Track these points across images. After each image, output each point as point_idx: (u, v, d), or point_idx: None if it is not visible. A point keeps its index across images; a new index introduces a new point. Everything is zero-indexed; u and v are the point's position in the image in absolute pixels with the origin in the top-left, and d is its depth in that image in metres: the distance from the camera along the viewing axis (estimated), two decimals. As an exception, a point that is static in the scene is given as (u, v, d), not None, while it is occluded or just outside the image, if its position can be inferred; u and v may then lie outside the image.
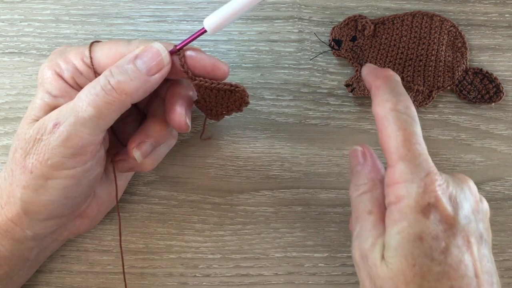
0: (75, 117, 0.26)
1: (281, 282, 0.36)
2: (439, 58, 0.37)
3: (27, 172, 0.27)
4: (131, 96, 0.27)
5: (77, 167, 0.28)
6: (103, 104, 0.26)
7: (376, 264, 0.25)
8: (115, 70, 0.27)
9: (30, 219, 0.29)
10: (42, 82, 0.29)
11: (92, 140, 0.27)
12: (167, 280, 0.36)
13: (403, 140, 0.26)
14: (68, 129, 0.26)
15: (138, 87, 0.27)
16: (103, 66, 0.28)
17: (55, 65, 0.29)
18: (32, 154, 0.27)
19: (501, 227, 0.37)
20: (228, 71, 0.30)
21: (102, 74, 0.27)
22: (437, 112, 0.38)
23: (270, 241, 0.37)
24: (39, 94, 0.29)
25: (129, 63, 0.27)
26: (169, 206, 0.37)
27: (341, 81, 0.38)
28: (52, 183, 0.28)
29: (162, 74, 0.28)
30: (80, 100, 0.27)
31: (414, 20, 0.38)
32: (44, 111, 0.28)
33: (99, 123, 0.27)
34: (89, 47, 0.29)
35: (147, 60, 0.27)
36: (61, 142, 0.27)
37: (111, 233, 0.37)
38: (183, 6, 0.39)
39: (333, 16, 0.39)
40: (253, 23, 0.38)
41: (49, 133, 0.27)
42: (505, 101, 0.38)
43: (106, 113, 0.27)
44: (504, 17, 0.39)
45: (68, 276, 0.36)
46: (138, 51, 0.28)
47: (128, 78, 0.27)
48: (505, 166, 0.38)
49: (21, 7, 0.38)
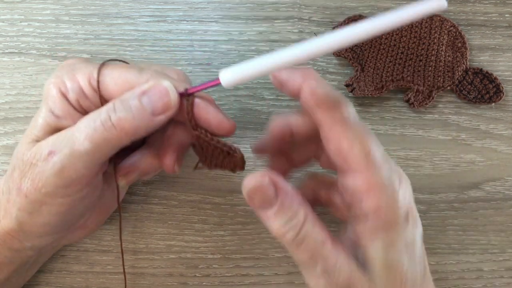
0: (71, 149, 0.25)
1: (281, 282, 0.36)
2: (439, 58, 0.37)
3: (22, 195, 0.27)
4: (131, 134, 0.26)
5: (72, 195, 0.27)
6: (101, 140, 0.25)
7: (368, 286, 0.24)
8: (119, 106, 0.26)
9: (27, 235, 0.29)
10: (47, 99, 0.28)
11: (87, 173, 0.27)
12: (167, 280, 0.36)
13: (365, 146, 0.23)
14: (62, 161, 0.25)
15: (140, 126, 0.26)
16: (110, 93, 0.27)
17: (61, 83, 0.27)
18: (28, 178, 0.26)
19: (501, 227, 0.37)
20: (232, 130, 0.28)
21: (105, 107, 0.26)
22: (437, 112, 0.38)
23: (270, 241, 0.37)
24: (42, 112, 0.28)
25: (134, 99, 0.26)
26: (169, 206, 0.37)
27: (341, 81, 0.38)
28: (46, 208, 0.27)
29: (167, 116, 0.26)
30: (79, 131, 0.26)
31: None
32: (45, 131, 0.27)
33: (95, 158, 0.26)
34: (98, 69, 0.27)
35: (154, 99, 0.26)
36: (55, 173, 0.26)
37: (111, 233, 0.37)
38: (183, 6, 0.39)
39: (333, 16, 0.39)
40: (253, 23, 0.38)
41: (43, 160, 0.26)
42: (505, 101, 0.38)
43: (103, 149, 0.26)
44: (504, 17, 0.39)
45: (68, 276, 0.36)
46: (146, 86, 0.26)
47: (130, 116, 0.25)
48: (505, 166, 0.38)
49: (21, 7, 0.38)
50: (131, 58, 0.38)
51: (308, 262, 0.24)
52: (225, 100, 0.38)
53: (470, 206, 0.37)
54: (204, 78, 0.38)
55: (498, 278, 0.37)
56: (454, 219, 0.37)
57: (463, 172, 0.37)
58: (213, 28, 0.38)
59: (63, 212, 0.28)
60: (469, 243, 0.37)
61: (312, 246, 0.24)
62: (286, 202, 0.24)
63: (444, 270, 0.37)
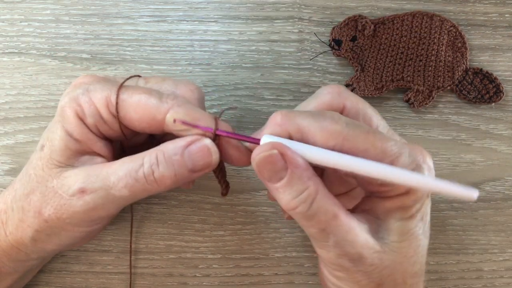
0: (106, 192, 0.25)
1: (281, 282, 0.36)
2: (439, 58, 0.37)
3: (41, 219, 0.27)
4: (169, 187, 0.26)
5: (94, 226, 0.28)
6: (140, 190, 0.25)
7: (379, 258, 0.25)
8: (162, 160, 0.25)
9: (38, 251, 0.29)
10: (63, 119, 0.26)
11: (116, 212, 0.27)
12: (167, 280, 0.36)
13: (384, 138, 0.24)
14: (95, 202, 0.25)
15: (179, 181, 0.26)
16: (130, 121, 0.26)
17: (78, 106, 0.26)
18: (50, 206, 0.26)
19: (501, 227, 0.37)
20: (248, 164, 0.27)
21: (147, 158, 0.25)
22: (437, 112, 0.38)
23: (270, 241, 0.37)
24: (58, 133, 0.26)
25: (177, 155, 0.25)
26: (169, 206, 0.37)
27: (341, 81, 0.38)
28: (66, 233, 0.27)
29: (204, 172, 0.26)
30: (116, 177, 0.25)
31: (414, 20, 0.38)
32: (67, 157, 0.26)
33: (128, 202, 0.26)
34: (116, 93, 0.26)
35: (196, 158, 0.25)
36: (85, 211, 0.26)
37: (111, 233, 0.37)
38: (183, 6, 0.39)
39: (333, 16, 0.39)
40: (253, 23, 0.38)
41: (72, 195, 0.26)
42: (505, 101, 0.38)
43: (140, 196, 0.26)
44: (504, 17, 0.39)
45: (68, 276, 0.36)
46: (189, 140, 0.25)
47: (172, 173, 0.25)
48: (505, 166, 0.38)
49: (21, 7, 0.38)
50: (131, 58, 0.38)
51: (320, 235, 0.24)
52: (225, 100, 0.38)
53: (470, 206, 0.37)
54: (204, 78, 0.38)
55: (498, 278, 0.37)
56: (454, 219, 0.37)
57: (463, 172, 0.37)
58: (213, 28, 0.38)
59: (80, 237, 0.28)
60: (469, 243, 0.37)
61: (324, 219, 0.24)
62: (296, 174, 0.23)
63: (444, 270, 0.37)
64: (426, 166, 0.25)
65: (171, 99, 0.26)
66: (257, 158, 0.24)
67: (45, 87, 0.37)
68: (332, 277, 0.26)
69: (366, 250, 0.24)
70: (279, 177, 0.24)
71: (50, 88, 0.37)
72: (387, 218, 0.26)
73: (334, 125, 0.23)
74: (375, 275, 0.25)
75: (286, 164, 0.23)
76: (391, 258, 0.25)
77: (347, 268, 0.25)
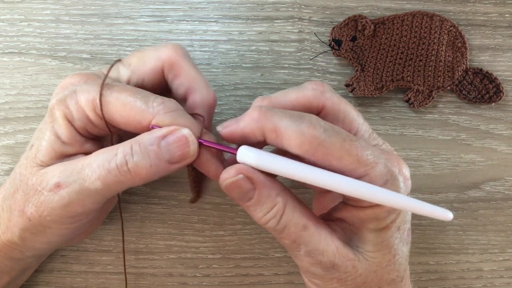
0: (80, 185, 0.25)
1: (281, 282, 0.36)
2: (439, 58, 0.37)
3: (25, 217, 0.26)
4: (145, 180, 0.25)
5: (77, 223, 0.27)
6: (113, 182, 0.25)
7: (353, 265, 0.25)
8: (137, 149, 0.25)
9: (29, 249, 0.29)
10: (52, 122, 0.26)
11: (94, 207, 0.27)
12: (167, 280, 0.36)
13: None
14: (70, 196, 0.25)
15: (155, 173, 0.25)
16: (117, 122, 0.26)
17: (66, 109, 0.26)
18: (32, 203, 0.26)
19: (501, 227, 0.37)
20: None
21: (121, 148, 0.25)
22: (437, 112, 0.38)
23: (270, 241, 0.37)
24: (47, 134, 0.26)
25: (153, 145, 0.25)
26: (169, 206, 0.37)
27: (341, 81, 0.38)
28: (50, 231, 0.27)
29: (183, 164, 0.26)
30: (90, 169, 0.25)
31: (414, 20, 0.38)
32: (50, 157, 0.26)
33: (104, 196, 0.26)
34: (99, 98, 0.25)
35: (173, 148, 0.25)
36: (61, 206, 0.25)
37: (111, 233, 0.37)
38: (183, 6, 0.39)
39: (333, 16, 0.39)
40: (253, 23, 0.38)
41: (49, 191, 0.25)
42: (505, 101, 0.38)
43: (114, 189, 0.25)
44: (504, 17, 0.39)
45: (68, 276, 0.36)
46: (165, 130, 0.25)
47: (148, 163, 0.25)
48: (505, 166, 0.38)
49: (21, 7, 0.38)
50: (131, 58, 0.38)
51: (292, 245, 0.25)
52: (225, 100, 0.38)
53: (470, 206, 0.37)
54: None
55: (498, 278, 0.37)
56: (454, 219, 0.37)
57: (463, 172, 0.38)
58: (213, 28, 0.38)
59: (67, 234, 0.28)
60: (469, 243, 0.37)
61: (294, 231, 0.25)
62: (264, 193, 0.24)
63: (444, 270, 0.37)
64: (402, 178, 0.24)
65: (158, 103, 0.25)
66: (224, 184, 0.25)
67: (45, 87, 0.37)
68: (311, 284, 0.27)
69: (339, 258, 0.25)
70: (248, 198, 0.25)
71: (50, 88, 0.37)
72: (361, 228, 0.26)
73: (311, 129, 0.23)
74: (349, 282, 0.25)
75: (254, 185, 0.24)
76: (364, 267, 0.25)
77: (322, 276, 0.26)
